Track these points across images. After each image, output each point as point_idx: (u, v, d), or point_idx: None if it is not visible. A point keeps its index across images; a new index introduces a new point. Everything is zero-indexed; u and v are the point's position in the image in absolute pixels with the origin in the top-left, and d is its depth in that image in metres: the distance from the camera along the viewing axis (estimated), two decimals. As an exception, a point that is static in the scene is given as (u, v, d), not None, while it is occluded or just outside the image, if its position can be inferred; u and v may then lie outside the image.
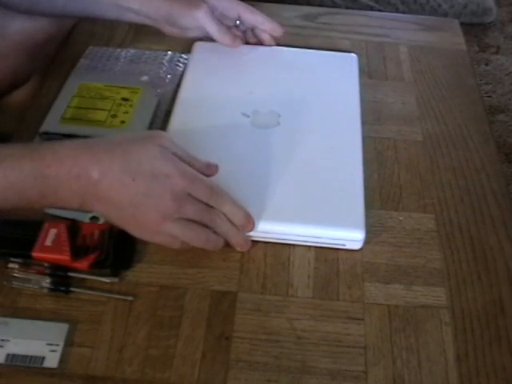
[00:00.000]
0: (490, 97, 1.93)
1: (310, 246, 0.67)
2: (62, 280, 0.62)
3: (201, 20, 0.83)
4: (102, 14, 0.84)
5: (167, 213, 0.61)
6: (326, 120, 0.78)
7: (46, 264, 0.63)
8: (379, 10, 1.97)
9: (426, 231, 0.70)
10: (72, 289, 0.62)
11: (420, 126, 0.83)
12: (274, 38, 0.89)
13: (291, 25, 0.98)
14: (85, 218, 0.67)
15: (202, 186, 0.63)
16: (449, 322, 0.62)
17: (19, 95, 0.91)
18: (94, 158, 0.60)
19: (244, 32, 0.89)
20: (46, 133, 0.77)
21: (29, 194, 0.59)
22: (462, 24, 1.03)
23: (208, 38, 0.86)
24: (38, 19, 0.87)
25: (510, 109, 1.89)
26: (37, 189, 0.59)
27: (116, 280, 0.63)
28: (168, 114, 0.79)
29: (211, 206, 0.63)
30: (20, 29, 0.86)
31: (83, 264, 0.62)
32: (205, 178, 0.64)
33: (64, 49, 0.92)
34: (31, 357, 0.57)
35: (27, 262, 0.63)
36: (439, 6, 2.07)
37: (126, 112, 0.79)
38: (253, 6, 0.88)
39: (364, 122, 0.79)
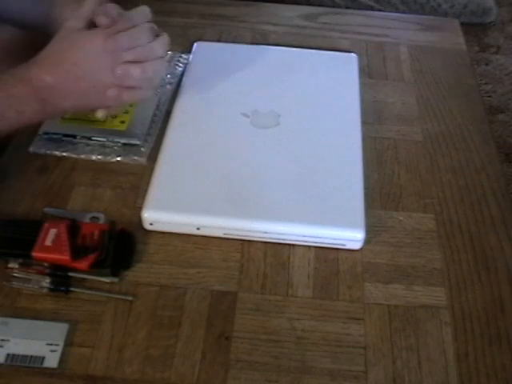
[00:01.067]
0: (490, 97, 1.93)
1: (309, 246, 0.67)
2: (61, 280, 0.62)
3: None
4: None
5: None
6: (325, 120, 0.78)
7: (45, 264, 0.63)
8: (379, 10, 1.97)
9: (426, 231, 0.70)
10: (72, 289, 0.62)
11: (420, 126, 0.83)
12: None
13: (291, 25, 0.98)
14: (85, 218, 0.67)
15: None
16: (449, 322, 0.62)
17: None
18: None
19: None
20: (46, 133, 0.77)
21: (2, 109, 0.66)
22: (462, 24, 1.02)
23: None
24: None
25: (509, 109, 1.89)
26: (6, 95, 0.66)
27: (116, 280, 0.63)
28: (168, 114, 0.79)
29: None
30: (10, 34, 0.86)
31: (83, 264, 0.62)
32: None
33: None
34: (31, 357, 0.57)
35: (27, 262, 0.63)
36: (439, 5, 2.06)
37: (126, 112, 0.79)
38: (253, 5, 0.88)
39: (364, 122, 0.79)
